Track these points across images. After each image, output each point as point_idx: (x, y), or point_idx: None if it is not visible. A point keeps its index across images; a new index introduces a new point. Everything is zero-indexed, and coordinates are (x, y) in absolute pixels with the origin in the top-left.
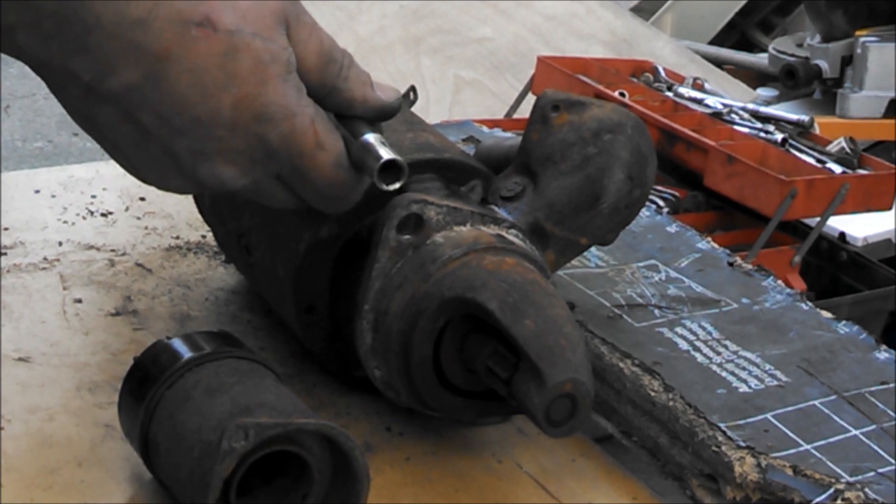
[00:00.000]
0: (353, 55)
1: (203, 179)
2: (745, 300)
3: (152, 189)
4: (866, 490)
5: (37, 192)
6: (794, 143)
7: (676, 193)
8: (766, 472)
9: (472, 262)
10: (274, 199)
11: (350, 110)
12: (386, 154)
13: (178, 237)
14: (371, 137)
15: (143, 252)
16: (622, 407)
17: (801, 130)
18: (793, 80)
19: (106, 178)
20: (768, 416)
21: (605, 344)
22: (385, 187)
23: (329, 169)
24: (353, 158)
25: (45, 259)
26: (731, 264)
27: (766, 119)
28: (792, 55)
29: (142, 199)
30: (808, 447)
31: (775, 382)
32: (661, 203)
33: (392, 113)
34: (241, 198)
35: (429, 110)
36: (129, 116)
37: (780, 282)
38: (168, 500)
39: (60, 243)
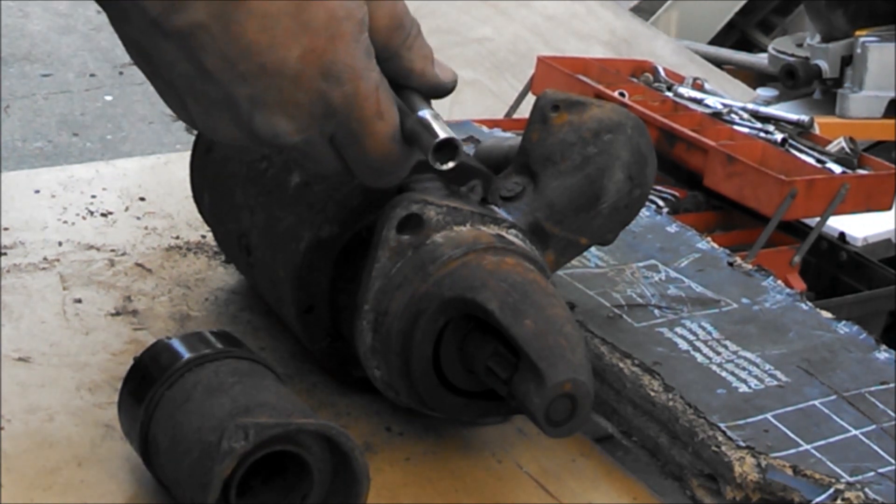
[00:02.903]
0: None
1: (258, 130)
2: (745, 300)
3: (152, 189)
4: (866, 490)
5: (37, 192)
6: (793, 143)
7: (676, 193)
8: (766, 472)
9: (472, 262)
10: (322, 162)
11: (406, 80)
12: (443, 132)
13: (178, 237)
14: (428, 114)
15: (143, 252)
16: (622, 407)
17: (801, 130)
18: (793, 80)
19: (106, 178)
20: (768, 416)
21: (605, 344)
22: (439, 166)
23: (384, 140)
24: (407, 132)
25: (45, 259)
26: (731, 264)
27: (766, 119)
28: (792, 55)
29: (142, 199)
30: (808, 447)
31: (775, 382)
32: (661, 203)
33: (445, 93)
34: (288, 156)
35: None
36: (191, 56)
37: (780, 282)
38: (168, 500)
39: (60, 243)
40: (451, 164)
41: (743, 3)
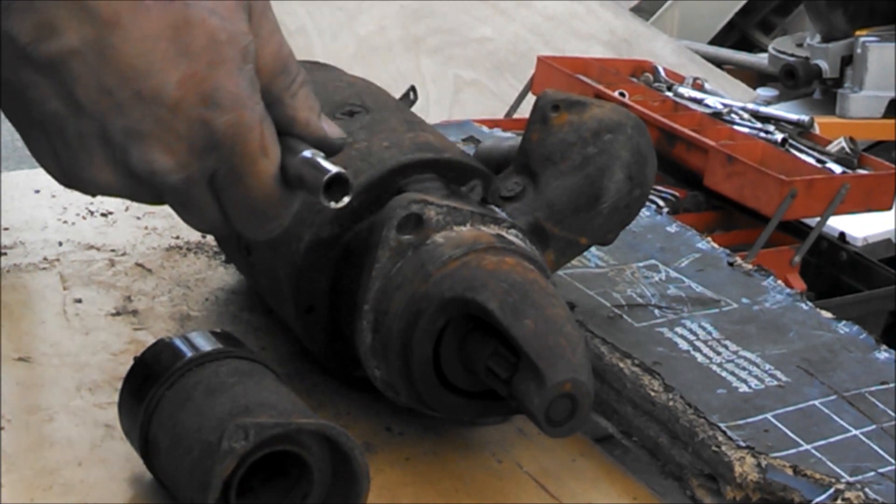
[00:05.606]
0: (353, 55)
1: (134, 167)
2: (745, 300)
3: None
4: (866, 490)
5: (37, 192)
6: (794, 143)
7: (676, 193)
8: (766, 472)
9: (472, 262)
10: (200, 209)
11: (289, 129)
12: (331, 167)
13: (178, 237)
14: (311, 153)
15: (143, 252)
16: (622, 407)
17: (801, 130)
18: (793, 80)
19: None
20: (768, 416)
21: (605, 344)
22: (333, 205)
23: (268, 180)
24: (292, 175)
25: (45, 259)
26: (731, 264)
27: (766, 119)
28: (792, 55)
29: None
30: (808, 447)
31: (775, 382)
32: (661, 203)
33: (332, 150)
34: (168, 204)
35: (429, 110)
36: (63, 88)
37: (780, 282)
38: (168, 500)
39: (60, 243)
40: (345, 201)
41: (743, 3)
